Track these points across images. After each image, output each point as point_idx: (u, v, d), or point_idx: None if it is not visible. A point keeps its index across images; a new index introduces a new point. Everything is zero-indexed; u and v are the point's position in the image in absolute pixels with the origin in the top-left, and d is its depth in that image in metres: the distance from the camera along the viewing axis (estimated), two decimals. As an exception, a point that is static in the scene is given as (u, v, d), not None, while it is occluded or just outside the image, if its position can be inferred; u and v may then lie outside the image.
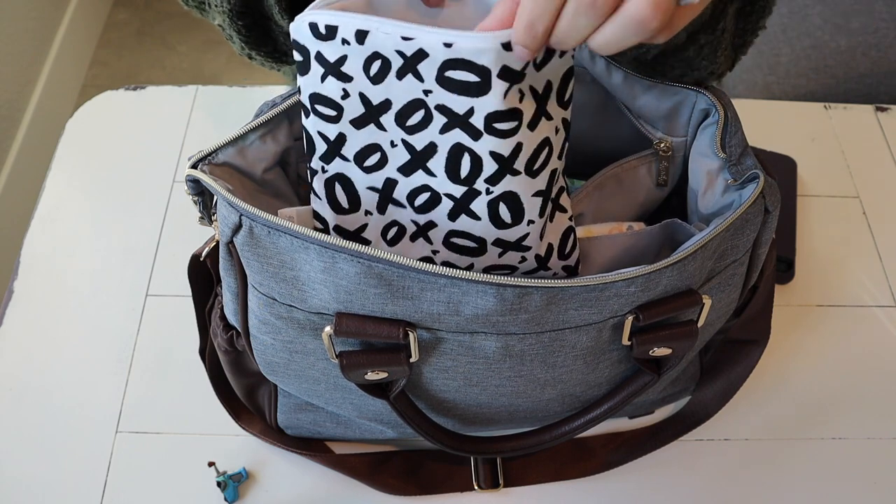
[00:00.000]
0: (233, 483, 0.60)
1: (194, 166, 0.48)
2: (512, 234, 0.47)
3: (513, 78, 0.40)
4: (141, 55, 1.95)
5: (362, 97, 0.43)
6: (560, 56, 0.42)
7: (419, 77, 0.41)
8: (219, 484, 0.60)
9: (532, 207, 0.46)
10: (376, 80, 0.42)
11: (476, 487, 0.61)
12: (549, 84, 0.42)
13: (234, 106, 0.84)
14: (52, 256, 0.73)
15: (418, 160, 0.45)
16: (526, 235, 0.47)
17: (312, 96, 0.44)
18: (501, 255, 0.48)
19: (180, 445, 0.63)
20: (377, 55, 0.41)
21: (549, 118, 0.44)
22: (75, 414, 0.64)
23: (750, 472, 0.63)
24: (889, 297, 0.73)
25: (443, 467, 0.62)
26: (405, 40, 0.40)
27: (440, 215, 0.47)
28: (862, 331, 0.71)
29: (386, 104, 0.43)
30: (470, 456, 0.61)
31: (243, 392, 0.61)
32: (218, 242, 0.51)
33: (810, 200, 0.79)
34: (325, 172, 0.47)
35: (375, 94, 0.43)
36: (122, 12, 2.03)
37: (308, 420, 0.60)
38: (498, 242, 0.47)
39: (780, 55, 1.14)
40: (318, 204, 0.48)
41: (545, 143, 0.44)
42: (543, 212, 0.47)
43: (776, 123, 0.85)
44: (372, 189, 0.47)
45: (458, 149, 0.43)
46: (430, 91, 0.41)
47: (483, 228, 0.46)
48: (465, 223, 0.46)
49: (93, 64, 1.93)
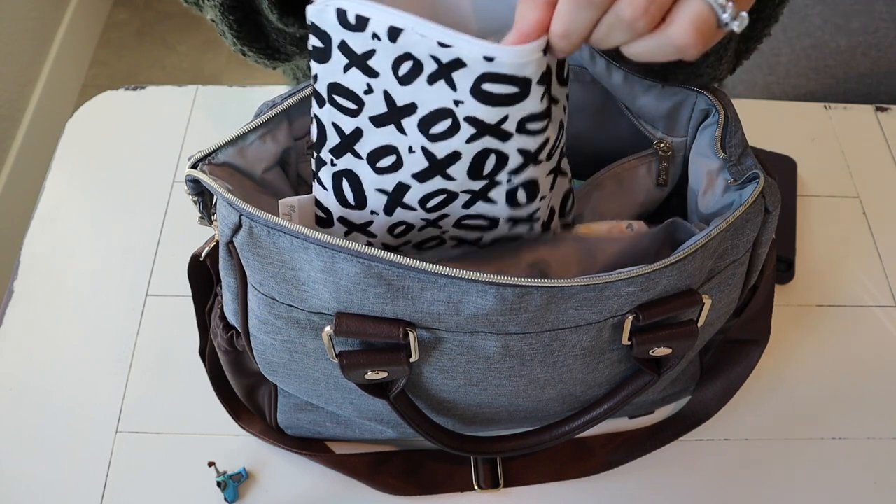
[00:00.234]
0: (233, 483, 0.60)
1: (194, 166, 0.48)
2: (525, 211, 0.47)
3: (547, 79, 0.39)
4: (141, 55, 1.95)
5: (386, 96, 0.41)
6: None
7: (452, 86, 0.39)
8: (219, 484, 0.60)
9: (545, 185, 0.46)
10: (405, 82, 0.40)
11: (476, 487, 0.61)
12: (549, 68, 0.41)
13: (234, 106, 0.84)
14: (52, 256, 0.73)
15: (437, 167, 0.43)
16: (537, 210, 0.47)
17: (332, 86, 0.42)
18: (511, 229, 0.48)
19: (180, 445, 0.63)
20: (409, 56, 0.39)
21: (556, 101, 0.43)
22: (75, 414, 0.64)
23: (750, 472, 0.63)
24: (889, 297, 0.73)
25: (443, 467, 0.62)
26: (442, 47, 0.37)
27: (454, 208, 0.46)
28: (862, 331, 0.71)
29: (411, 107, 0.41)
30: (470, 456, 0.61)
31: (243, 392, 0.61)
32: (218, 242, 0.51)
33: (810, 200, 0.79)
34: (335, 166, 0.46)
35: (401, 95, 0.41)
36: (122, 12, 2.03)
37: (308, 420, 0.60)
38: (510, 219, 0.47)
39: (780, 55, 1.14)
40: (323, 194, 0.48)
41: (560, 128, 0.44)
42: (553, 185, 0.47)
43: (776, 123, 0.85)
44: (381, 191, 0.46)
45: (485, 152, 0.42)
46: (462, 102, 0.39)
47: (498, 210, 0.46)
48: (481, 208, 0.46)
49: (93, 64, 1.93)
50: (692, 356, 0.60)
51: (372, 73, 0.40)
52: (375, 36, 0.39)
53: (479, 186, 0.45)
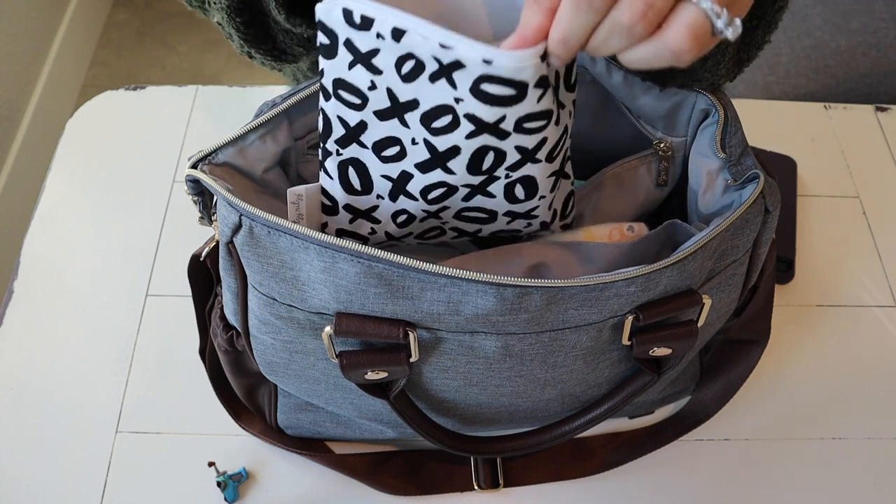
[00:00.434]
0: (233, 483, 0.60)
1: (194, 166, 0.48)
2: (523, 207, 0.48)
3: (546, 83, 0.40)
4: (141, 55, 1.95)
5: (389, 92, 0.43)
6: None
7: (453, 84, 0.40)
8: (219, 484, 0.60)
9: (546, 186, 0.47)
10: (407, 79, 0.41)
11: (476, 487, 0.61)
12: (556, 74, 0.43)
13: (234, 106, 0.84)
14: (52, 256, 0.73)
15: (438, 159, 0.45)
16: (536, 207, 0.48)
17: (336, 81, 0.44)
18: (510, 223, 0.49)
19: (180, 445, 0.63)
20: (411, 56, 0.40)
21: (563, 106, 0.44)
22: (75, 414, 0.64)
23: (750, 472, 0.63)
24: (889, 297, 0.73)
25: (443, 467, 0.62)
26: (443, 48, 0.39)
27: (454, 201, 0.47)
28: (862, 331, 0.71)
29: (413, 103, 0.43)
30: (470, 456, 0.61)
31: (243, 392, 0.61)
32: (218, 242, 0.51)
33: (810, 200, 0.79)
34: (340, 155, 0.47)
35: (404, 92, 0.42)
36: (122, 12, 2.03)
37: (308, 420, 0.60)
38: (509, 213, 0.48)
39: (780, 55, 1.14)
40: (329, 183, 0.49)
41: (564, 132, 0.45)
42: (554, 187, 0.48)
43: (776, 123, 0.85)
44: (386, 178, 0.47)
45: (483, 149, 0.43)
46: (462, 100, 0.41)
47: (497, 204, 0.47)
48: (479, 201, 0.47)
49: (93, 64, 1.93)
50: (692, 356, 0.60)
51: (376, 71, 0.42)
52: (380, 35, 0.40)
53: (479, 181, 0.46)
